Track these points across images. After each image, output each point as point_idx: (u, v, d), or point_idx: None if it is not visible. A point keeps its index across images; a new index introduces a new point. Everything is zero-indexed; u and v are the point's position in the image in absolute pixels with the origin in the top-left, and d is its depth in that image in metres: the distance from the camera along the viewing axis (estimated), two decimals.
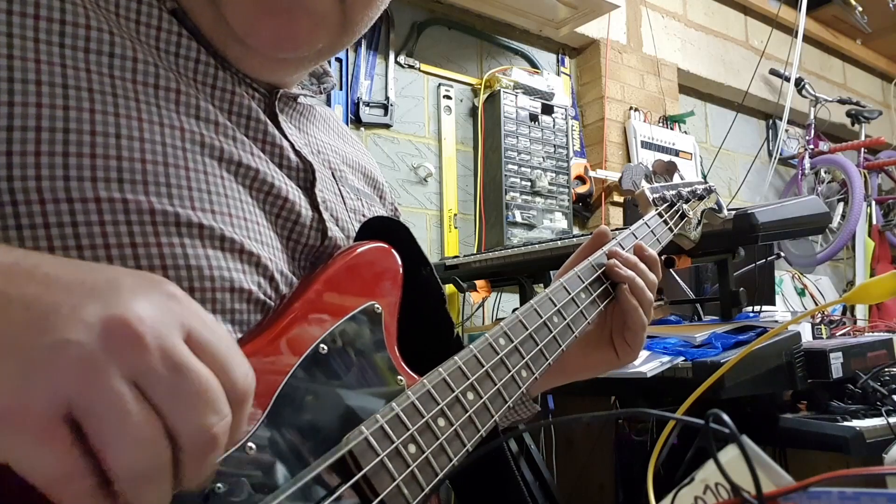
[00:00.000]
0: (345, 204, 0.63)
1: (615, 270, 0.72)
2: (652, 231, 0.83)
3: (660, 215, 0.86)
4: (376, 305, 0.53)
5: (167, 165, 0.47)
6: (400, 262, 0.57)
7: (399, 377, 0.52)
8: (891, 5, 3.74)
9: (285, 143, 0.57)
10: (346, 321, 0.51)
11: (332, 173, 0.65)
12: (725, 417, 0.40)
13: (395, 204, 0.78)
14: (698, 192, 0.96)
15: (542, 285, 1.91)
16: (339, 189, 0.64)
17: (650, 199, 0.87)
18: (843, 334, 1.88)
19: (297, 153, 0.58)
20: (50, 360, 0.28)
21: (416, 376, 0.53)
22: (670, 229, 0.86)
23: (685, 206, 0.91)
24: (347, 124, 2.31)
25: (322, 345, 0.48)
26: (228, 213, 0.50)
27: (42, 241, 0.42)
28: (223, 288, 0.48)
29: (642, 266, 0.74)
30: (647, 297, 0.73)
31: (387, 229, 0.60)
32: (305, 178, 0.59)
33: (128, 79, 0.48)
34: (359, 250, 0.55)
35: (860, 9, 3.79)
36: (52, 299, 0.30)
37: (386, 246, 0.57)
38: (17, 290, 0.30)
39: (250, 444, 0.42)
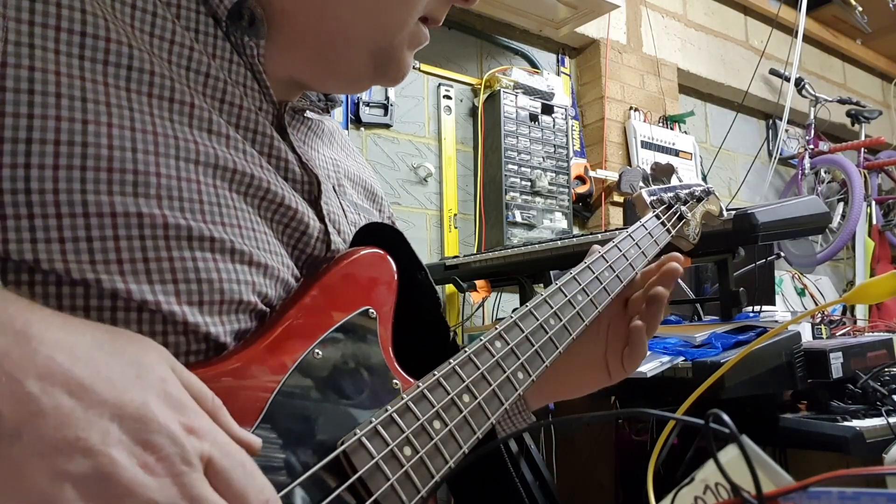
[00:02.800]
0: (346, 217, 0.64)
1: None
2: (649, 233, 0.83)
3: (657, 217, 0.86)
4: (371, 310, 0.53)
5: (180, 179, 0.48)
6: (395, 267, 0.57)
7: (394, 380, 0.52)
8: (891, 5, 3.74)
9: (291, 156, 0.58)
10: (341, 326, 0.51)
11: (334, 187, 0.66)
12: (725, 417, 0.40)
13: (393, 217, 0.79)
14: (696, 193, 0.96)
15: (542, 285, 1.90)
16: (341, 202, 0.65)
17: (647, 202, 0.87)
18: (843, 334, 1.88)
19: (303, 166, 0.59)
20: (74, 488, 0.29)
21: (411, 379, 0.53)
22: (668, 231, 0.86)
23: (683, 209, 0.91)
24: (347, 125, 2.31)
25: (317, 350, 0.48)
26: (238, 225, 0.51)
27: (56, 255, 0.43)
28: (232, 300, 0.49)
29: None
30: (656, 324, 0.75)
31: (381, 235, 0.61)
32: (311, 190, 0.60)
33: (144, 92, 0.48)
34: (354, 256, 0.55)
35: (860, 9, 3.79)
36: (84, 424, 0.31)
37: (381, 251, 0.57)
38: (51, 402, 0.30)
39: None
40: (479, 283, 2.12)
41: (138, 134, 0.46)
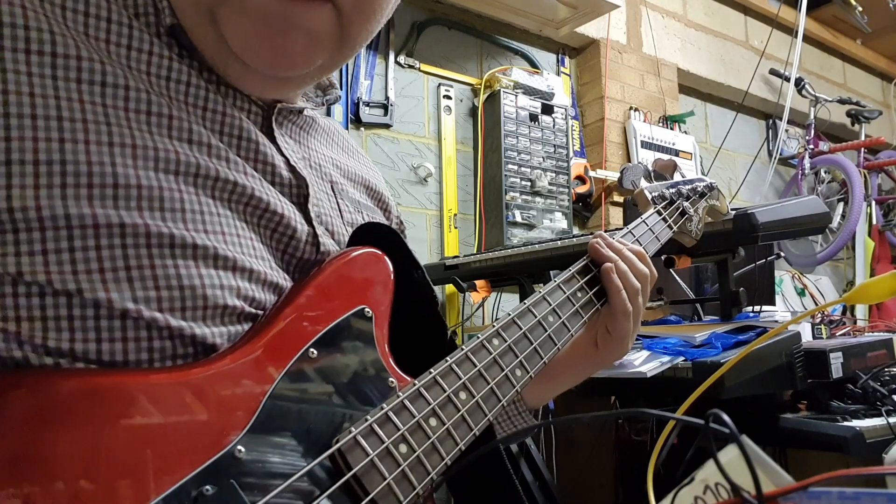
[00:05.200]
0: (342, 217, 0.64)
1: (597, 248, 0.72)
2: (650, 229, 0.82)
3: (658, 213, 0.86)
4: (367, 309, 0.53)
5: (161, 189, 0.48)
6: (391, 266, 0.57)
7: (390, 379, 0.52)
8: (891, 5, 3.74)
9: (278, 160, 0.58)
10: (336, 325, 0.51)
11: (332, 186, 0.65)
12: (725, 417, 0.40)
13: (401, 218, 0.78)
14: (699, 189, 0.96)
15: (542, 285, 1.90)
16: (338, 202, 0.65)
17: (649, 198, 0.87)
18: (843, 334, 1.87)
19: (291, 169, 0.59)
20: None
21: (407, 378, 0.53)
22: (670, 227, 0.86)
23: (685, 204, 0.91)
24: (347, 125, 2.31)
25: (311, 349, 0.48)
26: (221, 232, 0.51)
27: (39, 266, 0.43)
28: (216, 305, 0.49)
29: (627, 253, 0.74)
30: (630, 282, 0.73)
31: (378, 234, 0.60)
32: (299, 193, 0.60)
33: (120, 107, 0.48)
34: (349, 256, 0.55)
35: (860, 9, 3.79)
36: None
37: (377, 251, 0.57)
38: None
39: (239, 446, 0.41)
40: (479, 283, 2.12)
41: (116, 148, 0.47)
